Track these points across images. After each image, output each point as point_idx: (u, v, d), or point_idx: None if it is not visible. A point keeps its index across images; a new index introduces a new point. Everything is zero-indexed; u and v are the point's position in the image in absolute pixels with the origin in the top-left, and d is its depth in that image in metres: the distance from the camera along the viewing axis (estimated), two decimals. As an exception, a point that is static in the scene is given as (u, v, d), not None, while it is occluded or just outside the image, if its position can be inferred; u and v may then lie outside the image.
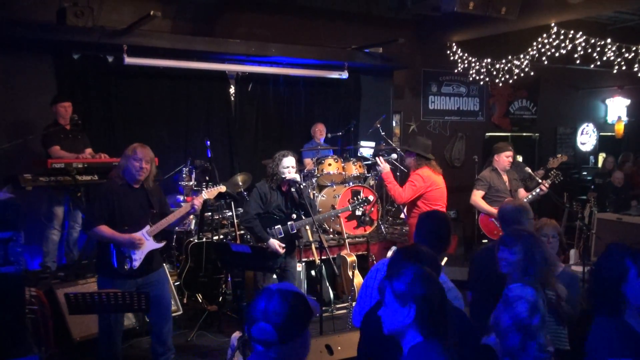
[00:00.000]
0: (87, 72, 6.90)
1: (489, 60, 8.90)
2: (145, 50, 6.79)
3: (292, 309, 1.90)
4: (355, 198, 5.58)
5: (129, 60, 6.69)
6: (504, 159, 6.03)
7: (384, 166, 5.55)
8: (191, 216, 6.33)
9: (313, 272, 6.27)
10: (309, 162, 7.47)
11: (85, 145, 6.02)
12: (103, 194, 4.01)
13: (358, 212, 6.62)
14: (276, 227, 4.69)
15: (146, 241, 3.98)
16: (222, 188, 4.46)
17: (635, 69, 8.26)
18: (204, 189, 4.38)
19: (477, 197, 5.99)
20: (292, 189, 4.72)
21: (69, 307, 3.65)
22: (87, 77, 6.91)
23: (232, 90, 7.99)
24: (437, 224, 3.17)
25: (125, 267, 3.91)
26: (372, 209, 6.85)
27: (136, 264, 3.95)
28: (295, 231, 4.74)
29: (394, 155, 6.97)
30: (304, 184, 5.18)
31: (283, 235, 4.69)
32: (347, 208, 5.44)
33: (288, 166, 4.70)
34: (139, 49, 6.73)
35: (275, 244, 4.62)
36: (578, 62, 8.02)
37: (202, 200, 4.21)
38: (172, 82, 7.51)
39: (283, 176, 4.66)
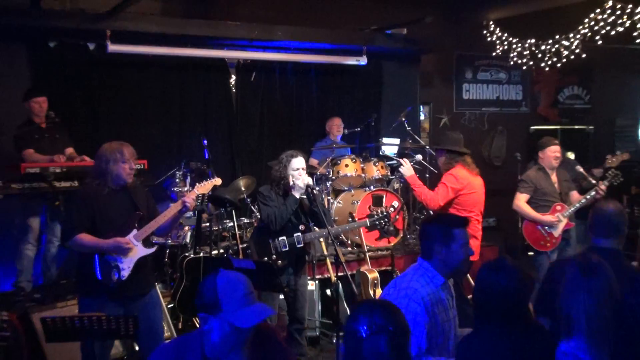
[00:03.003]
0: (66, 62, 6.98)
1: (532, 40, 8.82)
2: (131, 36, 6.85)
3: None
4: (375, 212, 5.56)
5: (113, 47, 6.75)
6: (550, 155, 5.98)
7: (407, 168, 5.53)
8: (186, 228, 6.38)
9: (328, 292, 6.26)
10: (318, 162, 7.47)
11: (65, 145, 6.09)
12: (80, 199, 4.06)
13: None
14: (280, 238, 4.70)
15: (134, 246, 4.01)
16: (217, 181, 4.50)
17: None
18: (197, 183, 4.43)
19: (521, 201, 5.94)
20: (303, 195, 4.72)
21: (46, 334, 3.68)
22: (65, 68, 6.99)
23: (232, 80, 8.03)
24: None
25: (113, 278, 3.93)
26: (397, 216, 6.83)
27: (125, 273, 3.97)
28: (302, 245, 4.74)
29: (419, 156, 6.94)
30: (317, 189, 5.18)
31: (287, 248, 4.70)
32: (365, 223, 5.42)
33: (298, 168, 4.70)
34: (125, 35, 6.79)
35: None
36: (639, 41, 7.93)
37: (194, 196, 4.24)
38: (163, 72, 7.57)
39: (294, 180, 4.66)
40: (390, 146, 8.02)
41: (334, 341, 5.44)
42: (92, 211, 3.97)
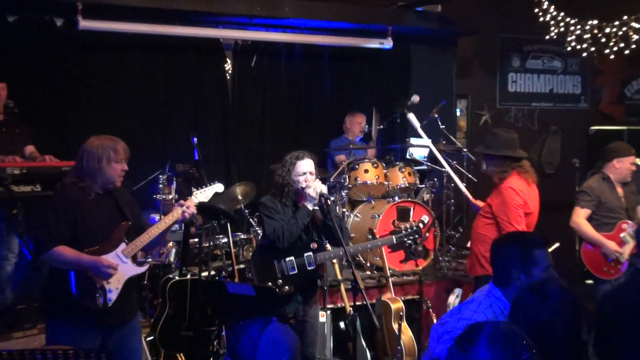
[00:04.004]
0: (27, 40, 7.00)
1: (595, 22, 8.78)
2: (107, 10, 6.89)
3: None
4: (402, 225, 5.53)
5: (85, 23, 6.78)
6: (628, 166, 5.93)
7: None
8: (170, 244, 6.37)
9: (343, 325, 6.24)
10: (341, 158, 7.46)
11: (26, 142, 6.11)
12: (60, 203, 4.03)
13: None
14: (287, 259, 4.69)
15: (122, 264, 4.01)
16: (219, 187, 4.51)
17: None
18: (194, 189, 4.43)
19: (580, 217, 5.90)
20: (316, 206, 4.74)
21: (0, 371, 3.69)
22: (26, 48, 7.01)
23: (228, 66, 8.05)
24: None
25: (98, 301, 3.92)
26: (427, 234, 6.80)
27: (112, 296, 3.97)
28: (314, 267, 4.74)
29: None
30: (332, 199, 5.18)
31: (296, 271, 4.69)
32: (391, 240, 5.39)
33: (304, 172, 4.71)
34: (99, 9, 6.83)
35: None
36: None
37: (194, 205, 4.25)
38: (145, 55, 7.62)
39: (300, 187, 4.68)
40: (419, 148, 8.00)
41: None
42: (73, 219, 3.96)
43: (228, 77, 8.10)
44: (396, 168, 7.18)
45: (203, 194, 4.42)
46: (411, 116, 6.45)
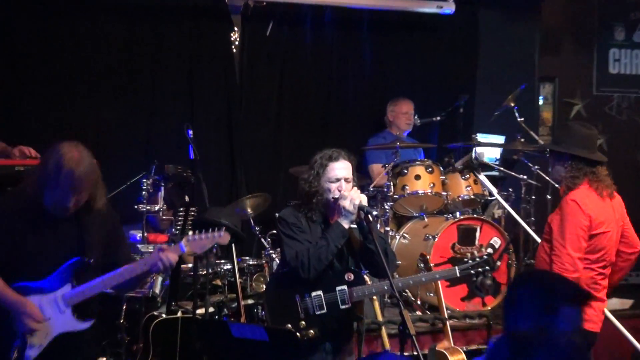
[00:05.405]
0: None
1: None
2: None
3: None
4: (467, 252, 5.47)
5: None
6: None
7: None
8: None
9: (384, 382, 6.21)
10: (379, 170, 7.44)
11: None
12: None
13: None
14: (314, 294, 4.67)
15: (57, 313, 3.97)
16: (224, 238, 4.26)
17: None
18: (190, 234, 4.27)
19: None
20: (353, 224, 4.70)
21: None
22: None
23: (236, 35, 8.05)
24: None
25: (10, 357, 3.90)
26: (499, 263, 6.73)
27: (32, 353, 3.92)
28: (349, 305, 4.70)
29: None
30: (375, 213, 5.11)
31: (325, 310, 4.66)
32: (453, 272, 5.33)
33: (339, 178, 4.69)
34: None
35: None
36: None
37: (176, 256, 4.14)
38: (127, 22, 7.65)
39: (333, 197, 4.65)
40: (489, 147, 7.94)
41: None
42: (8, 241, 3.95)
43: (235, 51, 8.11)
44: (458, 174, 7.15)
45: (197, 243, 4.21)
46: (483, 178, 6.39)
